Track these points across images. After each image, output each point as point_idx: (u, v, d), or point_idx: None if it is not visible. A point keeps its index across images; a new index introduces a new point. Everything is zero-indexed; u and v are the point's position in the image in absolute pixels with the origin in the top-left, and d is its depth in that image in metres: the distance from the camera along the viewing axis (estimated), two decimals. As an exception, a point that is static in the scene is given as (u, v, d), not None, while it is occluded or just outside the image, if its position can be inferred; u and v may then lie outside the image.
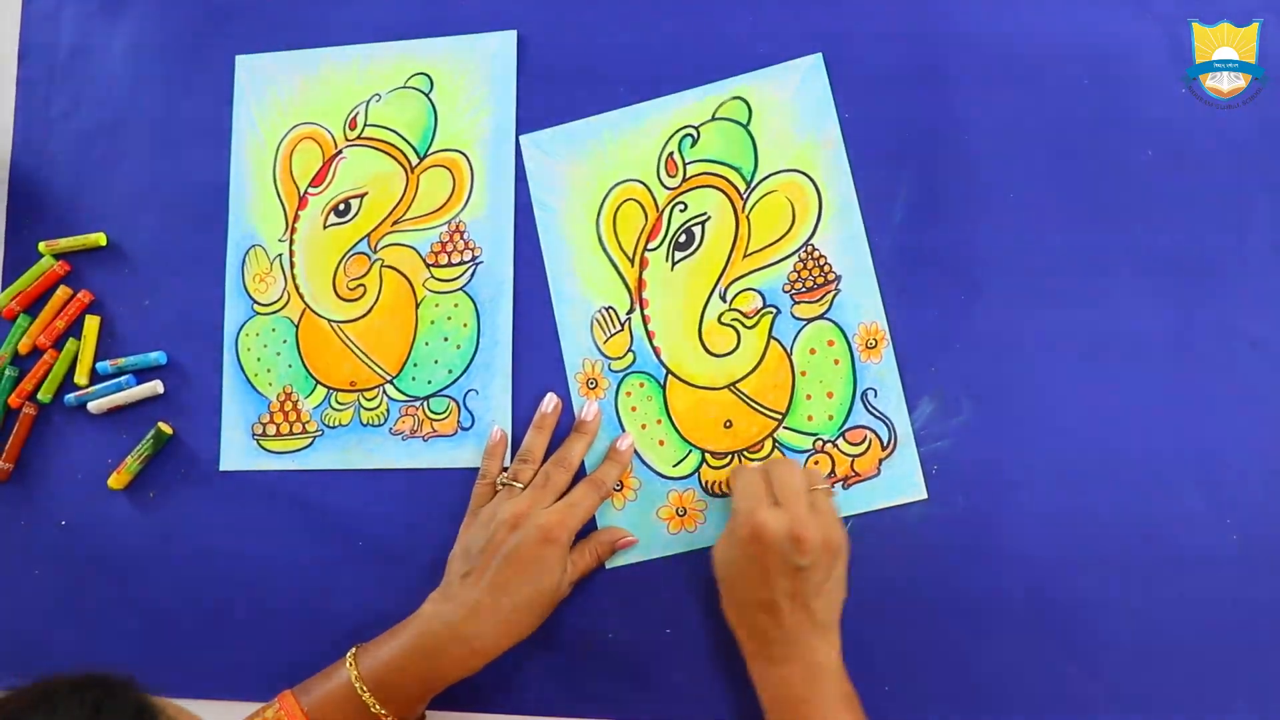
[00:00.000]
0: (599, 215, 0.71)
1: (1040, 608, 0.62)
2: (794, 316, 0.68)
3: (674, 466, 0.68)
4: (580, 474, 0.67)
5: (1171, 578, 0.62)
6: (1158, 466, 0.63)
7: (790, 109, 0.69)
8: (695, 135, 0.70)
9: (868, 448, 0.66)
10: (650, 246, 0.70)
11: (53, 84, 0.80)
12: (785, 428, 0.67)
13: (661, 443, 0.68)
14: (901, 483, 0.65)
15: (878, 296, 0.66)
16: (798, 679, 0.58)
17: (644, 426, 0.68)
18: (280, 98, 0.76)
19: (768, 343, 0.68)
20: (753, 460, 0.66)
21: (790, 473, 0.61)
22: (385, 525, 0.70)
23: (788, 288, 0.68)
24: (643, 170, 0.70)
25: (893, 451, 0.65)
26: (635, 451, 0.68)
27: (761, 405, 0.67)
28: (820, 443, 0.66)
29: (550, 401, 0.67)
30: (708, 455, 0.68)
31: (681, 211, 0.70)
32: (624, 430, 0.68)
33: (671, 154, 0.70)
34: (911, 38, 0.68)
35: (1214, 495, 0.62)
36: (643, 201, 0.70)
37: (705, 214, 0.69)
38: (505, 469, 0.67)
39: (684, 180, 0.70)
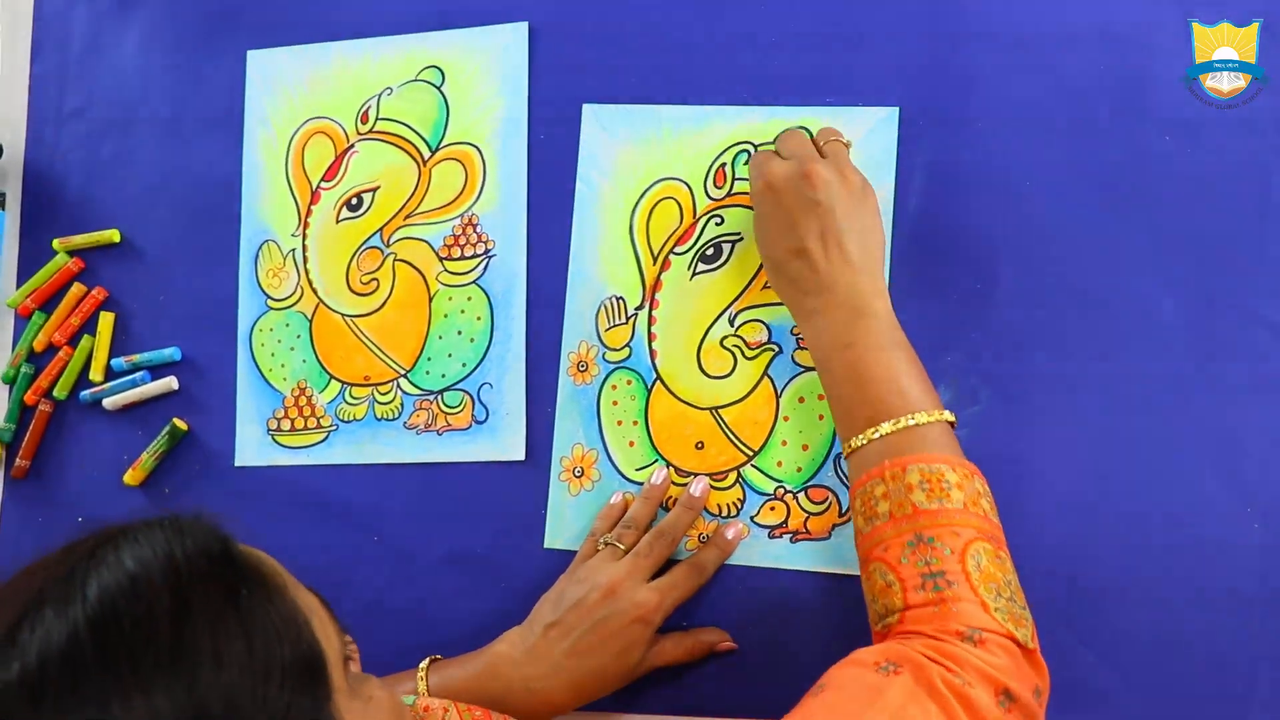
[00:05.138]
0: (636, 205, 0.70)
1: (1058, 595, 0.62)
2: (794, 361, 0.66)
3: (636, 470, 0.67)
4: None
5: (1191, 567, 0.61)
6: (1177, 454, 0.62)
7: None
8: (752, 154, 0.68)
9: (826, 509, 0.64)
10: (677, 250, 0.69)
11: (65, 81, 0.80)
12: (753, 465, 0.66)
13: (632, 444, 0.67)
14: (850, 554, 0.61)
15: None
16: (841, 324, 0.58)
17: (619, 423, 0.68)
18: (292, 92, 0.76)
19: (761, 378, 0.66)
20: (717, 487, 0.65)
21: (794, 136, 0.64)
22: (400, 519, 0.70)
23: (796, 331, 0.66)
24: (691, 173, 0.69)
25: (849, 521, 0.62)
26: (604, 444, 0.67)
27: (737, 437, 0.66)
28: (782, 491, 0.65)
29: (660, 474, 0.66)
30: (672, 469, 0.67)
31: (717, 225, 0.68)
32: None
33: (724, 165, 0.69)
34: (932, 34, 0.68)
35: (1234, 484, 0.61)
36: (682, 203, 0.69)
37: (739, 234, 0.68)
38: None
39: (729, 195, 0.69)
